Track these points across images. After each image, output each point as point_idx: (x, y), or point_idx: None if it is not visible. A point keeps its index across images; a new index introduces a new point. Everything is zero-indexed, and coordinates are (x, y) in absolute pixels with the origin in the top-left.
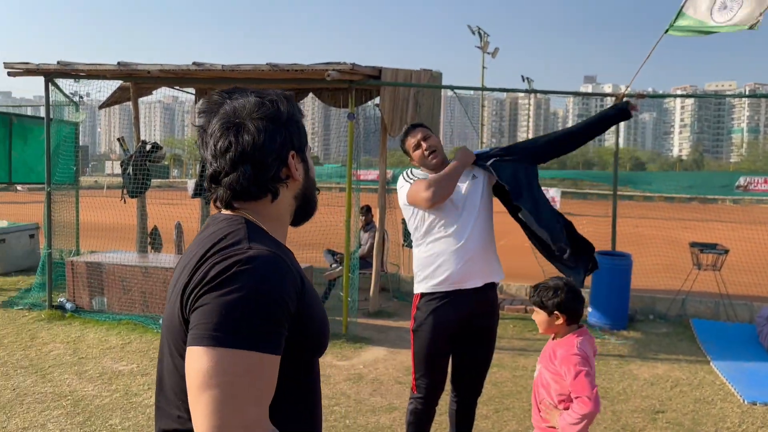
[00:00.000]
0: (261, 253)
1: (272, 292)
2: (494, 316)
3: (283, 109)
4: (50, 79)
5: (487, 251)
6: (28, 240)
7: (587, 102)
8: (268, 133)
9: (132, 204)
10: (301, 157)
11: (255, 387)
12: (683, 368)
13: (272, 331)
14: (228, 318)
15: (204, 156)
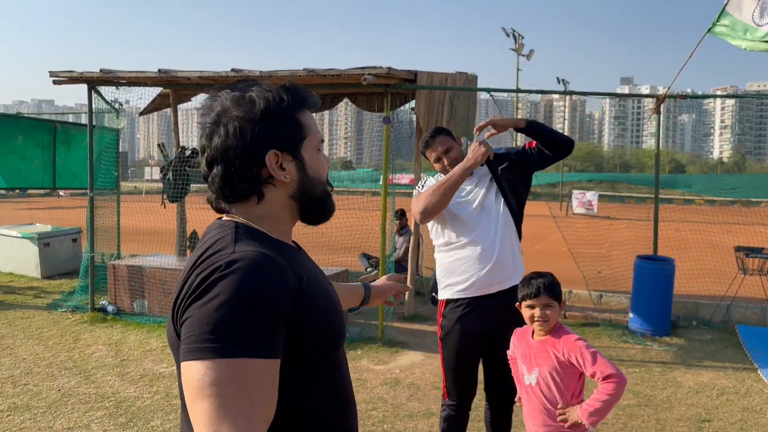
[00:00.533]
0: (244, 255)
1: (256, 294)
2: (521, 321)
3: (258, 107)
4: (93, 86)
5: (512, 254)
6: (71, 244)
7: (624, 104)
8: (238, 133)
9: (171, 208)
10: (292, 155)
11: (247, 394)
12: (729, 376)
13: (260, 333)
14: (210, 327)
15: None
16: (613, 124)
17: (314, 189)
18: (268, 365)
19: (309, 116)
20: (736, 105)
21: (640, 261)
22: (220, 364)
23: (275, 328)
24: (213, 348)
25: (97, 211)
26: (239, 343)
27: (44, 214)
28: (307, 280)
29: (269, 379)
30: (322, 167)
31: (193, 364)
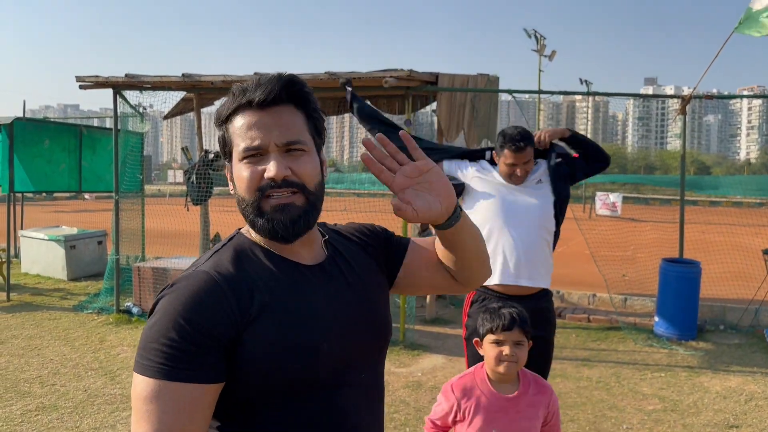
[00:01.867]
0: (192, 275)
1: (183, 317)
2: (549, 325)
3: (217, 113)
4: (118, 91)
5: (543, 257)
6: (96, 246)
7: (648, 104)
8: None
9: (195, 211)
10: (229, 168)
11: (165, 414)
12: (758, 381)
13: (181, 357)
14: (144, 345)
15: None
16: (637, 125)
17: (243, 206)
18: (189, 390)
19: (241, 120)
20: (763, 105)
21: (665, 264)
22: (145, 381)
23: (202, 352)
24: (143, 365)
25: (122, 214)
26: (160, 365)
27: (70, 217)
28: (270, 302)
29: (190, 404)
30: (242, 181)
31: (133, 375)
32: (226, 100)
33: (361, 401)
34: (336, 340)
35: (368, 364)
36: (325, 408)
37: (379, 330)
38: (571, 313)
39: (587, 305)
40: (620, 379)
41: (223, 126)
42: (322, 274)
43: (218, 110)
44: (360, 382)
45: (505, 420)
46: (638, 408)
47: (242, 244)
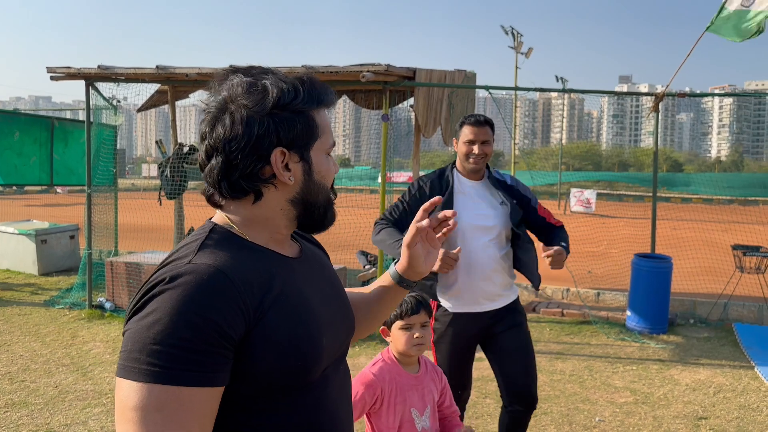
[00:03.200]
0: (194, 269)
1: (195, 314)
2: (517, 313)
3: (271, 97)
4: (91, 83)
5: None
6: (68, 241)
7: (622, 102)
8: (244, 124)
9: (169, 206)
10: (299, 156)
11: (170, 426)
12: (726, 374)
13: (193, 359)
14: (140, 346)
15: None
16: (611, 123)
17: (317, 196)
18: (200, 394)
19: (324, 115)
20: (734, 104)
21: (637, 259)
22: (145, 388)
23: (216, 352)
24: (140, 370)
25: (95, 208)
26: (168, 369)
27: (41, 210)
28: (277, 297)
29: (200, 410)
30: (330, 173)
31: (121, 383)
32: (307, 87)
33: (341, 392)
34: (331, 333)
35: (344, 357)
36: (318, 402)
37: (350, 322)
38: (545, 307)
39: (561, 299)
40: (593, 373)
41: (311, 112)
42: (306, 267)
43: (303, 97)
44: (339, 374)
45: (417, 397)
46: (610, 401)
47: (230, 238)
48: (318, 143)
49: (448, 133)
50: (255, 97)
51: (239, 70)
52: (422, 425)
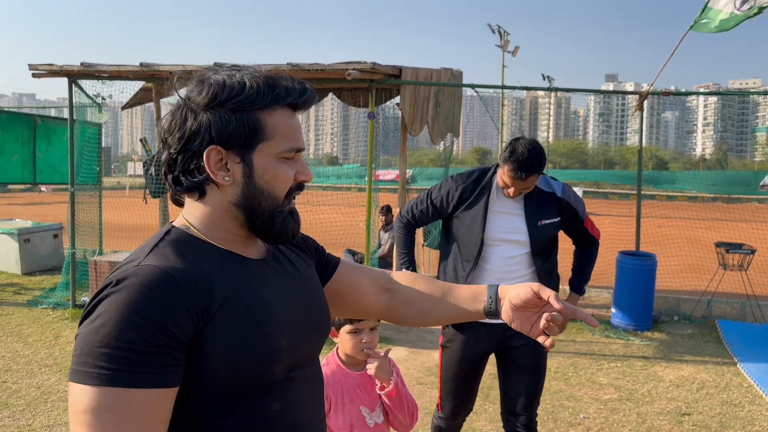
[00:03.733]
0: (139, 271)
1: (141, 316)
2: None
3: (208, 92)
4: (74, 80)
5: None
6: (52, 240)
7: (608, 101)
8: (182, 118)
9: (154, 204)
10: (239, 157)
11: (123, 426)
12: (709, 370)
13: (141, 361)
14: (88, 350)
15: None
16: (597, 121)
17: (260, 202)
18: (150, 396)
19: (282, 117)
20: (718, 102)
21: (622, 257)
22: (94, 391)
23: (163, 353)
24: (88, 373)
25: (79, 207)
26: (115, 371)
27: (24, 209)
28: (229, 297)
29: (150, 412)
30: (281, 180)
31: (72, 386)
32: (261, 85)
33: (309, 395)
34: (292, 335)
35: (313, 358)
36: (280, 404)
37: (322, 325)
38: None
39: None
40: (577, 369)
41: (254, 112)
42: (269, 269)
43: (248, 94)
44: (307, 376)
45: (365, 396)
46: (595, 397)
47: (183, 238)
48: (265, 146)
49: (435, 131)
50: (195, 92)
51: (221, 66)
52: (374, 421)
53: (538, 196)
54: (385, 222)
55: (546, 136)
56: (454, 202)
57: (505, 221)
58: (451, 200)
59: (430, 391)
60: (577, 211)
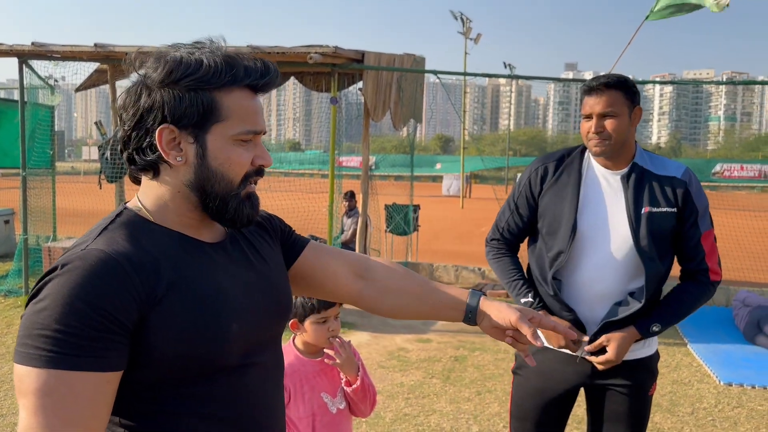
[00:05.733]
0: (85, 255)
1: (82, 300)
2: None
3: (163, 69)
4: (24, 60)
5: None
6: (2, 226)
7: (568, 89)
8: (136, 95)
9: (109, 189)
10: (193, 137)
11: (60, 410)
12: (661, 351)
13: (80, 344)
14: (29, 332)
15: None
16: (557, 110)
17: (213, 184)
18: (90, 379)
19: (240, 98)
20: (673, 92)
21: None
22: (33, 373)
23: (104, 337)
24: (29, 355)
25: (31, 192)
26: (55, 353)
27: None
28: (176, 281)
29: (91, 395)
30: (236, 164)
31: (16, 368)
32: (219, 64)
33: (266, 382)
34: (245, 320)
35: (271, 344)
36: (234, 391)
37: (281, 310)
38: (491, 288)
39: None
40: None
41: (210, 91)
42: (225, 253)
43: (204, 73)
44: (265, 363)
45: (326, 381)
46: None
47: (134, 221)
48: (220, 127)
49: (397, 116)
50: (152, 69)
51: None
52: (337, 407)
53: (642, 175)
54: (348, 207)
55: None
56: (537, 188)
57: (598, 204)
58: (533, 189)
59: (392, 374)
60: (697, 208)
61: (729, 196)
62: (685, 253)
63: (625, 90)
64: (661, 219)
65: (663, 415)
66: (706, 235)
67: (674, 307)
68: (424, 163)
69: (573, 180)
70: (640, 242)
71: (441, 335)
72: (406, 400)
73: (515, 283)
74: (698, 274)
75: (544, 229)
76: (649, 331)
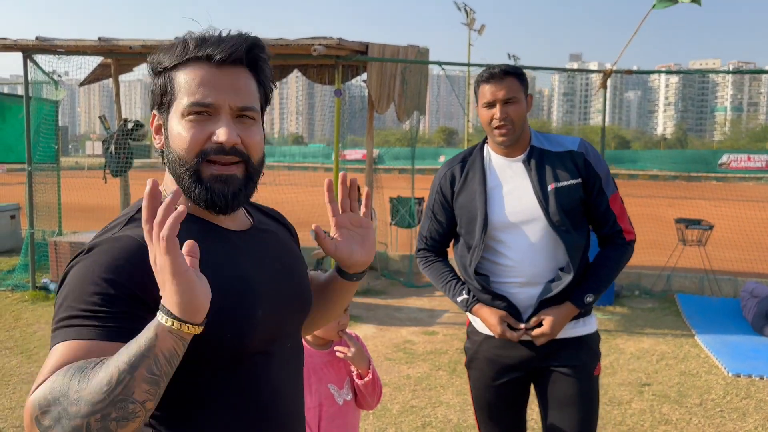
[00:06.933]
0: (113, 239)
1: (102, 278)
2: (585, 351)
3: (158, 58)
4: (29, 55)
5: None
6: (8, 221)
7: (572, 80)
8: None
9: (114, 184)
10: (164, 120)
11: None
12: (669, 342)
13: (107, 318)
14: (57, 316)
15: None
16: (561, 101)
17: (174, 165)
18: (112, 349)
19: (192, 72)
20: (679, 83)
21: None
22: (59, 348)
23: (131, 313)
24: (62, 332)
25: (37, 187)
26: (84, 326)
27: None
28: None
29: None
30: (182, 139)
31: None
32: (173, 46)
33: (289, 371)
34: (270, 307)
35: (294, 334)
36: (255, 379)
37: (303, 300)
38: None
39: None
40: None
41: (164, 74)
42: (250, 241)
43: (158, 56)
44: (287, 352)
45: (333, 373)
46: None
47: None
48: (175, 105)
49: (401, 108)
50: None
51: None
52: (343, 398)
53: (541, 156)
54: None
55: None
56: (449, 193)
57: (508, 193)
58: (446, 194)
59: (398, 366)
60: (598, 175)
61: (736, 187)
62: (597, 220)
63: (520, 78)
64: (568, 192)
65: (671, 406)
66: (613, 199)
67: (601, 274)
68: (428, 156)
69: (478, 176)
70: (552, 218)
71: (447, 327)
72: (412, 392)
73: (449, 284)
74: (614, 237)
75: (462, 230)
76: (584, 302)
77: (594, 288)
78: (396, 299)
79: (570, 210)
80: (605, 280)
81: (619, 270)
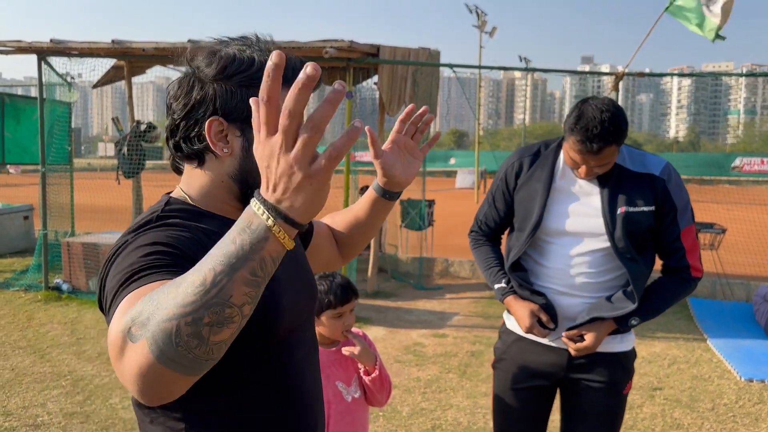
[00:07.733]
0: (156, 228)
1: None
2: (618, 369)
3: (217, 64)
4: (43, 57)
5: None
6: (22, 221)
7: (584, 82)
8: (188, 87)
9: (127, 185)
10: (240, 130)
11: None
12: (680, 346)
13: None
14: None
15: None
16: (573, 103)
17: (255, 177)
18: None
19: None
20: (692, 85)
21: None
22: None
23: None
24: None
25: (50, 188)
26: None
27: None
28: None
29: None
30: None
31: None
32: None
33: (311, 359)
34: (291, 296)
35: (310, 324)
36: (281, 367)
37: (314, 292)
38: None
39: None
40: None
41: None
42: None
43: (256, 71)
44: (307, 341)
45: (341, 371)
46: None
47: (183, 207)
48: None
49: None
50: (205, 63)
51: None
52: (352, 396)
53: (620, 175)
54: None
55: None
56: (513, 182)
57: (572, 201)
58: (510, 182)
59: (408, 368)
60: (675, 206)
61: (749, 191)
62: (664, 249)
63: (618, 141)
64: (638, 218)
65: (683, 410)
66: (686, 232)
67: (655, 303)
68: (438, 158)
69: (545, 176)
70: (617, 244)
71: (457, 330)
72: (422, 394)
73: (491, 270)
74: (679, 271)
75: (516, 224)
76: (628, 324)
77: (643, 314)
78: (406, 301)
79: (636, 236)
80: (657, 309)
81: (675, 303)
